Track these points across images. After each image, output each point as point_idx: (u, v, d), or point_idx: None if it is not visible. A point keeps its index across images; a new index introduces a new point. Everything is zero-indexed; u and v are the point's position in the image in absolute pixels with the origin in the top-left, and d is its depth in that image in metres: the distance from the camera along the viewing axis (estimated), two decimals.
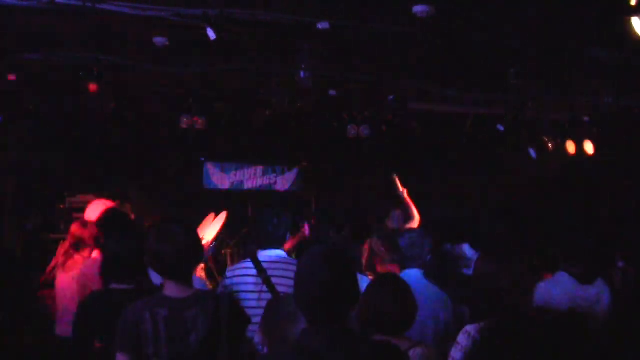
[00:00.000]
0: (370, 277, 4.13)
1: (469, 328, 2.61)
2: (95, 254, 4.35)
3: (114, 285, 3.11)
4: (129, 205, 6.12)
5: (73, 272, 4.45)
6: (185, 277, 2.75)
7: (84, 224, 4.76)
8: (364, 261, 5.19)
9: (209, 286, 4.71)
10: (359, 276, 2.85)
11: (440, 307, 3.52)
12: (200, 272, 5.75)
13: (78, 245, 4.67)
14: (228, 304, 2.76)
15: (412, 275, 3.60)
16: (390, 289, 2.74)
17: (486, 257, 2.81)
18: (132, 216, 5.94)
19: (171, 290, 2.71)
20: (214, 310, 2.68)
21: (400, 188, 5.90)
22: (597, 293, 3.54)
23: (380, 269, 6.26)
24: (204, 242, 5.80)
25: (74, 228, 4.75)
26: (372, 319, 2.66)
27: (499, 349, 2.51)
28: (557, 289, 3.50)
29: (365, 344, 2.03)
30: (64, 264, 4.68)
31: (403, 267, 3.82)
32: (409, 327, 2.71)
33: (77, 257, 4.65)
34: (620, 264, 4.50)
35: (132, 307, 2.66)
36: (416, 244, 3.71)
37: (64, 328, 4.42)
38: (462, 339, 2.61)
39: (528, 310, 2.76)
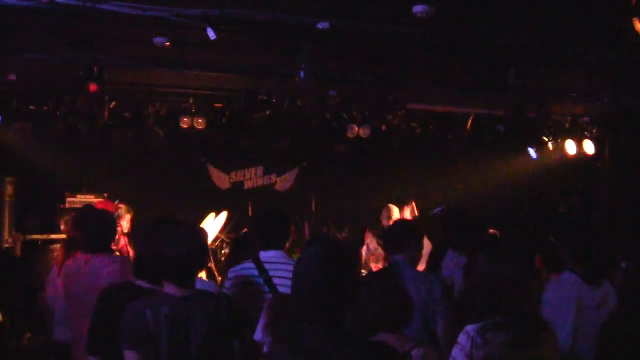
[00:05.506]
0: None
1: (469, 328, 2.58)
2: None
3: (140, 283, 3.04)
4: (125, 205, 6.11)
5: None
6: (188, 280, 2.72)
7: None
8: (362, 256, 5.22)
9: (216, 286, 4.66)
10: None
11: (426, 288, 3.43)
12: (201, 272, 5.75)
13: (70, 245, 4.55)
14: (227, 304, 2.74)
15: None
16: (384, 287, 2.71)
17: (490, 256, 2.77)
18: (129, 216, 5.90)
19: (171, 288, 2.69)
20: (214, 310, 2.66)
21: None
22: (605, 294, 3.49)
23: (374, 266, 6.30)
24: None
25: (66, 228, 4.61)
26: (368, 318, 2.61)
27: None
28: (564, 289, 3.44)
29: (362, 344, 2.01)
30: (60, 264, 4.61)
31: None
32: (406, 324, 2.69)
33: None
34: (624, 265, 4.47)
35: (133, 305, 2.64)
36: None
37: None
38: (462, 339, 2.58)
39: (532, 310, 2.72)
